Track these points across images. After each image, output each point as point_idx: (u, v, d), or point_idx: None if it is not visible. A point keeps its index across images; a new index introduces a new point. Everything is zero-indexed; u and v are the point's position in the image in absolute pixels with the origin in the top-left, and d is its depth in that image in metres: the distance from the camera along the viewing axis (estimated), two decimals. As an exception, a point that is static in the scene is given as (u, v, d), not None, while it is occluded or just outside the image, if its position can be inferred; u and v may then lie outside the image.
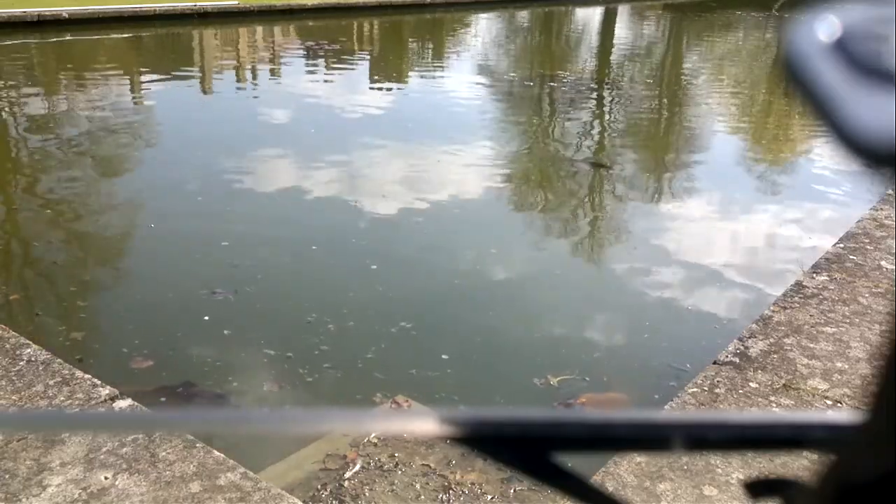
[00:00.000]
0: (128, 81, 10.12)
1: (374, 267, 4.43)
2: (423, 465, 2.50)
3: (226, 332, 3.63)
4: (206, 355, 3.42)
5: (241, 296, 3.99)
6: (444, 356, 3.44)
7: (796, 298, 3.36)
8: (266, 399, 3.13)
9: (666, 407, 2.58)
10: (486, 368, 3.42)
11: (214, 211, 5.37)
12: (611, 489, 2.08)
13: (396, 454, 2.54)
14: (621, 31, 19.14)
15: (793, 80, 0.21)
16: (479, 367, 3.42)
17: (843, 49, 0.21)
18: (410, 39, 16.47)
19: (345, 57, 12.67)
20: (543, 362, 3.40)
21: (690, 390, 2.65)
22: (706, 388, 2.65)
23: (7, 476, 2.09)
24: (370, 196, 5.74)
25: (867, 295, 3.40)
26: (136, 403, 2.51)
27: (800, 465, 2.07)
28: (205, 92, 10.01)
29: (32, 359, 2.66)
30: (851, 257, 3.81)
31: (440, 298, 4.17)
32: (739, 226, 5.47)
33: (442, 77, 11.64)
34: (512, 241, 5.06)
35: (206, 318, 3.76)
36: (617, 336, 3.80)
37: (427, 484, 2.42)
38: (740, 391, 2.64)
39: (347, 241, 4.88)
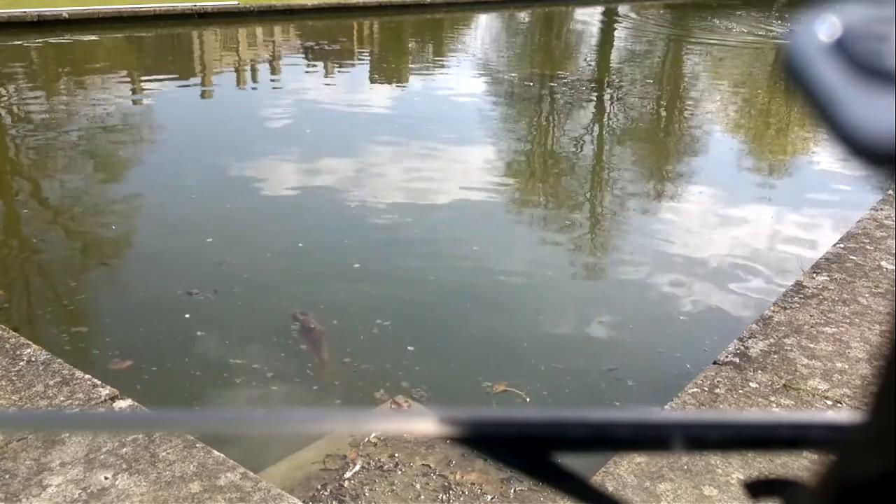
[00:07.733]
0: (127, 81, 10.11)
1: (357, 266, 4.45)
2: (423, 465, 2.50)
3: (201, 332, 3.67)
4: (189, 354, 3.45)
5: (221, 294, 4.04)
6: (409, 347, 3.54)
7: (796, 299, 3.36)
8: (245, 397, 3.16)
9: (666, 407, 2.58)
10: (444, 365, 3.47)
11: (210, 208, 5.38)
12: (611, 489, 2.08)
13: (396, 454, 2.54)
14: (621, 31, 19.13)
15: (793, 79, 0.21)
16: (439, 363, 3.48)
17: (843, 49, 0.21)
18: (410, 39, 16.46)
19: (345, 57, 12.67)
20: (501, 366, 3.41)
21: (690, 390, 2.64)
22: (706, 388, 2.65)
23: (7, 476, 2.09)
24: (365, 196, 5.74)
25: (867, 295, 3.40)
26: (136, 403, 2.51)
27: (800, 465, 2.07)
28: (204, 92, 10.01)
29: (32, 359, 2.66)
30: (851, 257, 3.81)
31: (424, 297, 4.19)
32: (737, 226, 5.46)
33: (441, 77, 11.63)
34: (503, 242, 5.05)
35: (188, 315, 3.82)
36: (585, 347, 3.71)
37: (427, 484, 2.42)
38: (740, 391, 2.64)
39: (339, 240, 4.89)
